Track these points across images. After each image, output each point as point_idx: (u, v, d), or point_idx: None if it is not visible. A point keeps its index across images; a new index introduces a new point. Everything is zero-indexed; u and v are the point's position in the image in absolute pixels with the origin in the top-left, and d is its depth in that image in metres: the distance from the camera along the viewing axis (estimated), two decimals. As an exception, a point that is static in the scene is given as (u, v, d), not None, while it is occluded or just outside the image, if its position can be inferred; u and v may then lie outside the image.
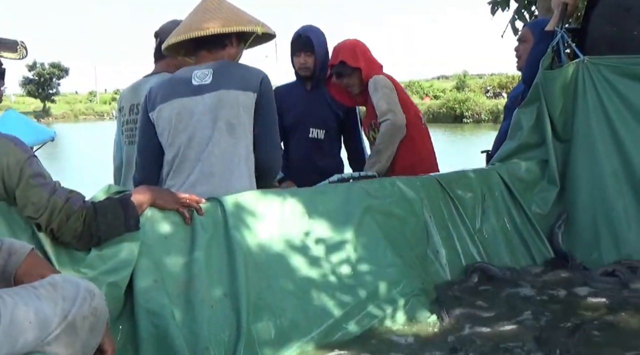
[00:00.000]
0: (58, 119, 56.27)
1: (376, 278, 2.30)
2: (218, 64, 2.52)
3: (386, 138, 3.21)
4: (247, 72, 2.49)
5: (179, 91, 2.49)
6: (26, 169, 1.75)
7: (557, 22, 3.00)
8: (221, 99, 2.43)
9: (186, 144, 2.47)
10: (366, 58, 3.40)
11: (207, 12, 2.51)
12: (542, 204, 2.92)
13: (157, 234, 2.06)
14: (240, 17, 2.53)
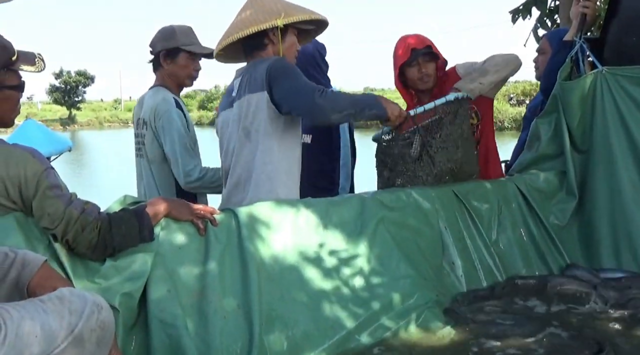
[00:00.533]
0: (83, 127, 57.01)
1: (389, 290, 2.30)
2: (245, 68, 2.54)
3: (501, 62, 2.98)
4: (257, 71, 2.44)
5: (223, 104, 2.62)
6: (43, 181, 1.78)
7: (576, 32, 2.98)
8: (240, 107, 2.48)
9: (224, 156, 2.59)
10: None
11: (241, 11, 2.53)
12: (561, 215, 2.90)
13: (172, 244, 2.08)
14: (262, 12, 2.47)
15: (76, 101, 60.42)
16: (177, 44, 3.04)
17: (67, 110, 60.03)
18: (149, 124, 2.97)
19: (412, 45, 3.11)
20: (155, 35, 3.09)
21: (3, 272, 1.53)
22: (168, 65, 3.06)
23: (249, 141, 2.48)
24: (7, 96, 1.87)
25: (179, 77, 3.10)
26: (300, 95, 2.37)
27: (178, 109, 2.99)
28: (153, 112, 2.95)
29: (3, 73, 1.84)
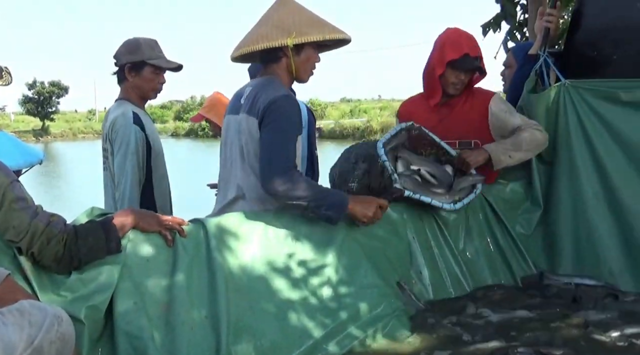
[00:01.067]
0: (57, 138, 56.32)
1: (357, 299, 2.32)
2: (260, 81, 2.52)
3: (535, 143, 2.88)
4: (262, 96, 2.41)
5: (231, 108, 2.60)
6: (8, 193, 1.78)
7: (540, 46, 3.06)
8: (240, 123, 2.48)
9: (223, 163, 2.59)
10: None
11: (259, 24, 2.50)
12: (526, 224, 2.96)
13: (139, 256, 2.08)
14: (276, 28, 2.44)
15: (50, 112, 59.75)
16: (143, 58, 3.03)
17: (40, 121, 59.31)
18: (108, 138, 2.98)
19: (466, 48, 2.92)
20: (120, 47, 3.08)
21: (-35, 285, 1.53)
22: (133, 79, 3.05)
23: (243, 161, 2.48)
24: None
25: (144, 91, 3.09)
26: (269, 161, 2.33)
27: (136, 124, 2.96)
28: (111, 126, 2.95)
29: None
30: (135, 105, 3.06)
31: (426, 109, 3.07)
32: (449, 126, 3.00)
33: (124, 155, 2.91)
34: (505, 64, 3.60)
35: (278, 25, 2.43)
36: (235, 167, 2.52)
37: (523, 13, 6.65)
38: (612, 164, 2.80)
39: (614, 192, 2.79)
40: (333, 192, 2.45)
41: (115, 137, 2.93)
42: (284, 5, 2.50)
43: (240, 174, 2.49)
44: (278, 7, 2.50)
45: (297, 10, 2.48)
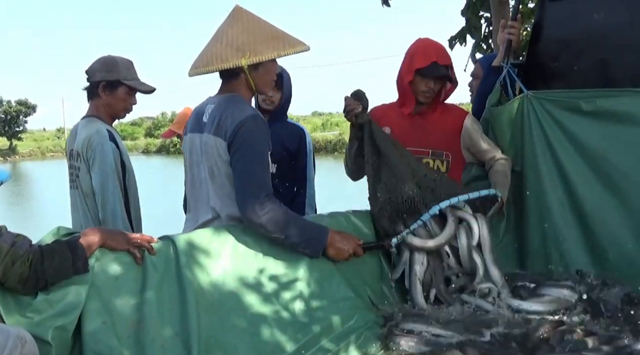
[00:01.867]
0: (25, 157, 55.41)
1: (329, 313, 2.33)
2: (222, 99, 2.49)
3: (508, 175, 2.99)
4: (228, 116, 2.38)
5: (191, 125, 2.58)
6: None
7: (503, 57, 3.12)
8: (207, 144, 2.45)
9: (191, 183, 2.57)
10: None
11: (216, 40, 2.46)
12: (493, 235, 2.98)
13: (107, 275, 2.07)
14: (235, 47, 2.40)
15: (17, 131, 58.84)
16: (119, 77, 3.02)
17: (7, 140, 58.33)
18: (82, 155, 2.93)
19: (434, 56, 2.93)
20: (95, 63, 3.05)
21: None
22: (106, 97, 3.03)
23: (214, 181, 2.46)
24: None
25: (115, 110, 3.08)
26: (244, 190, 2.33)
27: (112, 141, 2.95)
28: (86, 143, 2.91)
29: None
30: (105, 122, 3.04)
31: (399, 115, 3.08)
32: (422, 134, 3.02)
33: (105, 174, 2.89)
34: (473, 74, 3.65)
35: (232, 44, 2.40)
36: (206, 187, 2.50)
37: (488, 26, 6.77)
38: (575, 172, 2.84)
39: (579, 201, 2.83)
40: (311, 227, 2.44)
41: (93, 155, 2.90)
42: (237, 19, 2.46)
43: (212, 194, 2.48)
44: (232, 21, 2.46)
45: (251, 26, 2.44)
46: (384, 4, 6.73)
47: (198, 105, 2.63)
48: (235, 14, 2.48)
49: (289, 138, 3.52)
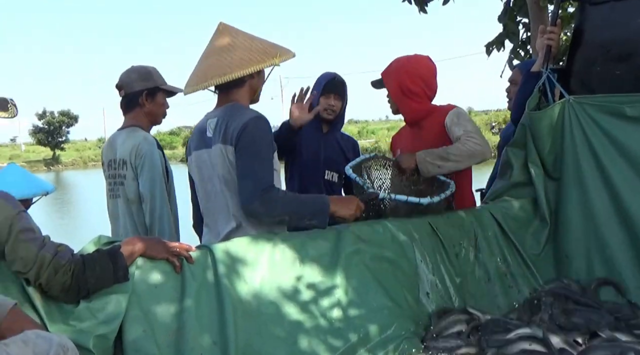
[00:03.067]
0: (67, 167, 56.77)
1: (367, 321, 2.31)
2: (224, 110, 2.55)
3: (465, 154, 2.91)
4: (233, 122, 2.46)
5: (196, 143, 2.62)
6: (15, 225, 1.79)
7: (543, 63, 3.07)
8: (217, 154, 2.49)
9: (206, 198, 2.59)
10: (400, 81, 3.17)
11: (222, 52, 2.51)
12: (535, 242, 2.93)
13: (147, 283, 2.09)
14: (256, 51, 2.50)
15: (60, 141, 60.33)
16: (156, 84, 3.10)
17: (51, 150, 59.83)
18: (130, 163, 2.98)
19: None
20: (130, 74, 3.10)
21: (-28, 316, 1.54)
22: (148, 104, 3.09)
23: (229, 190, 2.50)
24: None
25: (156, 116, 3.15)
26: (245, 186, 2.41)
27: (159, 149, 3.03)
28: (134, 151, 2.96)
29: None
30: (147, 131, 3.10)
31: (407, 132, 3.37)
32: (420, 143, 3.11)
33: (154, 180, 2.95)
34: (511, 80, 3.60)
35: (256, 49, 2.50)
36: (223, 198, 2.52)
37: (525, 31, 6.69)
38: (620, 178, 2.78)
39: (624, 207, 2.76)
40: (313, 200, 2.55)
41: (142, 162, 2.95)
42: (234, 31, 2.56)
43: (231, 203, 2.50)
44: (230, 34, 2.54)
45: (251, 36, 2.57)
46: (420, 10, 6.71)
47: (198, 123, 2.68)
48: (226, 28, 2.58)
49: (347, 148, 3.59)
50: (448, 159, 2.91)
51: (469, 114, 49.09)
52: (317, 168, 3.51)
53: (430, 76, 3.20)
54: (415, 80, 3.14)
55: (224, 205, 2.53)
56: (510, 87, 3.60)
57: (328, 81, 3.49)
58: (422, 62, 3.21)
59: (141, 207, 3.01)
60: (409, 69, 3.15)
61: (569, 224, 2.92)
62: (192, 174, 2.70)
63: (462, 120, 3.07)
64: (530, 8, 5.78)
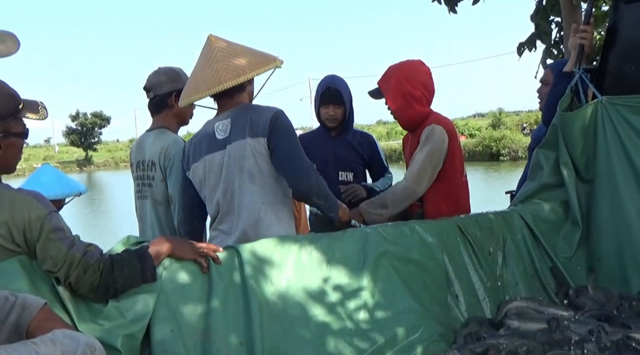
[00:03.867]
0: (100, 167, 57.66)
1: (394, 324, 2.29)
2: (236, 111, 2.60)
3: (399, 199, 3.12)
4: (258, 117, 2.54)
5: (206, 148, 2.61)
6: (46, 224, 1.82)
7: (575, 63, 3.01)
8: (240, 150, 2.53)
9: (222, 199, 2.58)
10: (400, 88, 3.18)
11: (227, 58, 2.55)
12: (567, 246, 2.87)
13: (175, 283, 2.10)
14: (259, 55, 2.60)
15: (92, 142, 61.32)
16: (184, 84, 3.10)
17: (83, 151, 60.85)
18: (159, 164, 3.00)
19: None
20: (159, 76, 3.11)
21: (3, 315, 1.56)
22: (177, 105, 3.10)
23: (254, 182, 2.52)
24: (13, 143, 1.93)
25: (184, 117, 3.16)
26: (302, 168, 2.52)
27: None
28: (163, 153, 2.98)
29: (10, 121, 1.90)
30: (175, 132, 3.12)
31: (409, 136, 3.42)
32: (412, 151, 3.25)
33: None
34: (542, 80, 3.54)
35: (256, 54, 2.62)
36: (249, 193, 2.54)
37: (558, 31, 6.57)
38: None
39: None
40: (333, 196, 2.71)
41: (171, 163, 2.97)
42: (227, 42, 2.63)
43: (255, 197, 2.53)
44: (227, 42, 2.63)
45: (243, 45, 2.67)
46: (450, 11, 6.64)
47: (200, 131, 2.71)
48: (217, 39, 2.63)
49: (361, 146, 3.60)
50: (386, 207, 3.10)
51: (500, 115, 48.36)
52: (330, 171, 3.51)
53: (428, 80, 3.25)
54: (416, 85, 3.19)
55: (247, 200, 2.54)
56: (542, 87, 3.54)
57: (323, 92, 3.54)
58: (419, 66, 3.26)
59: (168, 209, 3.03)
60: (407, 74, 3.19)
61: (601, 227, 2.85)
62: (196, 181, 2.68)
63: (427, 142, 3.15)
64: (563, 7, 5.67)
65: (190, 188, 2.71)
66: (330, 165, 3.57)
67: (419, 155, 3.13)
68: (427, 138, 3.14)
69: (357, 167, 3.64)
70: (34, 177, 3.95)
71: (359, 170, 3.65)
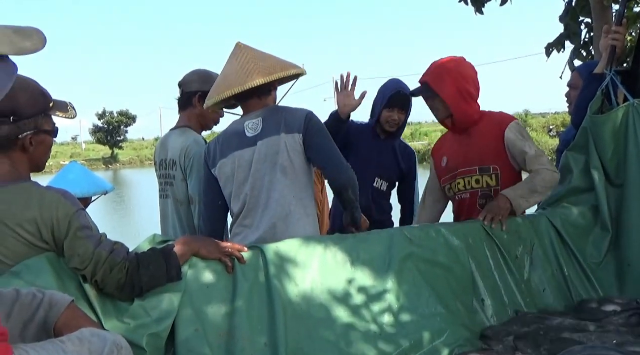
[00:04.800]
0: (125, 165, 58.33)
1: (419, 328, 2.27)
2: (266, 111, 2.65)
3: (548, 186, 2.84)
4: (292, 115, 2.61)
5: (236, 145, 2.63)
6: (74, 222, 1.84)
7: (606, 65, 2.95)
8: (273, 145, 2.55)
9: (250, 194, 2.59)
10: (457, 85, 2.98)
11: (256, 60, 2.60)
12: (596, 251, 2.82)
13: (200, 283, 2.11)
14: (285, 61, 2.67)
15: (118, 141, 62.10)
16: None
17: (109, 149, 61.65)
18: (179, 164, 3.01)
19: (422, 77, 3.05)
20: (191, 75, 3.14)
21: (31, 312, 1.57)
22: (199, 107, 3.10)
23: (287, 176, 2.55)
24: (43, 140, 1.95)
25: (207, 120, 3.15)
26: (341, 162, 2.57)
27: None
28: (184, 152, 2.99)
29: (41, 118, 1.92)
30: (198, 133, 3.12)
31: (452, 139, 3.15)
32: (468, 152, 3.00)
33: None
34: (570, 84, 3.48)
35: (282, 59, 2.67)
36: (273, 189, 2.55)
37: (588, 32, 6.47)
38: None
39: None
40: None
41: (191, 163, 2.97)
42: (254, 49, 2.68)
43: (286, 191, 2.55)
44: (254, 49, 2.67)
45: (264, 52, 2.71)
46: (477, 12, 6.58)
47: (228, 129, 2.73)
48: (246, 46, 2.69)
49: (403, 157, 3.56)
50: (536, 192, 2.81)
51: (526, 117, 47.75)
52: (366, 173, 3.39)
53: (477, 78, 3.08)
54: (472, 82, 3.01)
55: (278, 194, 2.55)
56: (570, 91, 3.48)
57: (393, 95, 3.44)
58: (468, 64, 3.08)
59: (189, 209, 3.03)
60: (462, 71, 3.00)
61: (631, 232, 2.79)
62: (223, 178, 2.67)
63: (527, 137, 2.95)
64: (594, 8, 5.58)
65: (214, 187, 2.71)
66: (370, 168, 3.48)
67: (531, 150, 2.89)
68: (520, 133, 2.94)
69: (393, 178, 3.59)
70: (62, 175, 3.98)
71: (393, 182, 3.60)
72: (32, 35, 1.18)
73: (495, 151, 2.95)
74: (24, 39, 1.17)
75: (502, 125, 2.95)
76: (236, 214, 2.67)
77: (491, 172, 2.95)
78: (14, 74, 1.19)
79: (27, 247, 1.86)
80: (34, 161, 1.96)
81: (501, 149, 2.94)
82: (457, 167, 3.03)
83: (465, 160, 3.01)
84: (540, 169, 2.84)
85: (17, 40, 1.16)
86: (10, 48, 1.16)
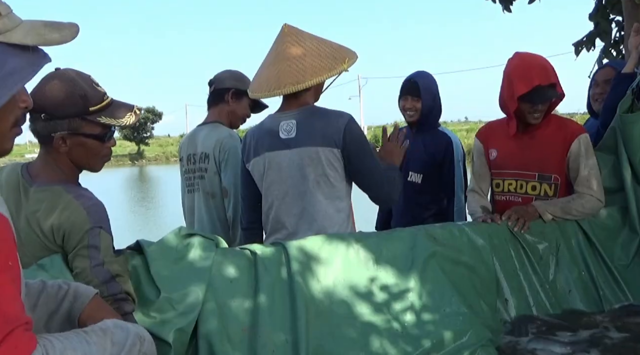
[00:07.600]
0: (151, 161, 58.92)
1: (441, 327, 2.24)
2: (302, 113, 2.58)
3: (584, 213, 2.76)
4: (329, 125, 2.52)
5: (268, 144, 2.61)
6: (84, 239, 1.85)
7: (636, 63, 2.90)
8: (306, 157, 2.52)
9: (281, 199, 2.59)
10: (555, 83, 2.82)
11: (292, 59, 2.54)
12: (623, 253, 2.76)
13: (223, 277, 2.12)
14: (326, 57, 2.55)
15: (144, 137, 62.77)
16: (246, 87, 3.13)
17: (136, 145, 62.33)
18: (213, 156, 3.03)
19: (536, 80, 2.73)
20: (224, 73, 3.21)
21: (57, 303, 1.59)
22: (232, 103, 3.15)
23: (320, 190, 2.54)
24: (82, 142, 1.94)
25: (237, 116, 3.20)
26: (376, 183, 2.59)
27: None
28: (218, 146, 3.02)
29: (78, 120, 1.92)
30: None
31: (506, 134, 2.96)
32: (529, 155, 2.89)
33: (237, 176, 2.97)
34: (605, 79, 3.44)
35: (325, 55, 2.55)
36: (310, 199, 2.54)
37: (619, 30, 6.36)
38: None
39: None
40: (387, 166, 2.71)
41: (226, 156, 3.02)
42: (300, 36, 2.59)
43: (319, 205, 2.54)
44: (299, 37, 2.58)
45: (316, 37, 2.62)
46: (505, 9, 6.52)
47: (262, 124, 2.69)
48: (292, 31, 2.61)
49: (434, 147, 3.51)
50: (569, 214, 2.75)
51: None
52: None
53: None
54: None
55: (308, 205, 2.54)
56: (604, 86, 3.43)
57: (403, 84, 3.53)
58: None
59: (220, 202, 3.06)
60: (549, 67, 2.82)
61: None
62: (256, 175, 2.67)
63: (589, 155, 2.82)
64: (625, 6, 5.48)
65: (250, 181, 2.71)
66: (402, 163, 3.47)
67: (585, 169, 2.79)
68: (586, 150, 2.81)
69: (427, 169, 3.53)
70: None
71: (429, 172, 3.54)
72: (63, 28, 1.20)
73: (559, 159, 2.85)
74: (53, 31, 1.19)
75: (572, 136, 2.83)
76: (265, 213, 2.68)
77: (551, 182, 2.86)
78: (39, 65, 1.20)
79: (45, 250, 1.90)
80: (75, 162, 1.97)
81: (564, 157, 2.85)
82: (509, 166, 2.92)
83: (522, 162, 2.90)
84: (584, 193, 2.77)
85: (45, 31, 1.18)
86: (36, 39, 1.17)
